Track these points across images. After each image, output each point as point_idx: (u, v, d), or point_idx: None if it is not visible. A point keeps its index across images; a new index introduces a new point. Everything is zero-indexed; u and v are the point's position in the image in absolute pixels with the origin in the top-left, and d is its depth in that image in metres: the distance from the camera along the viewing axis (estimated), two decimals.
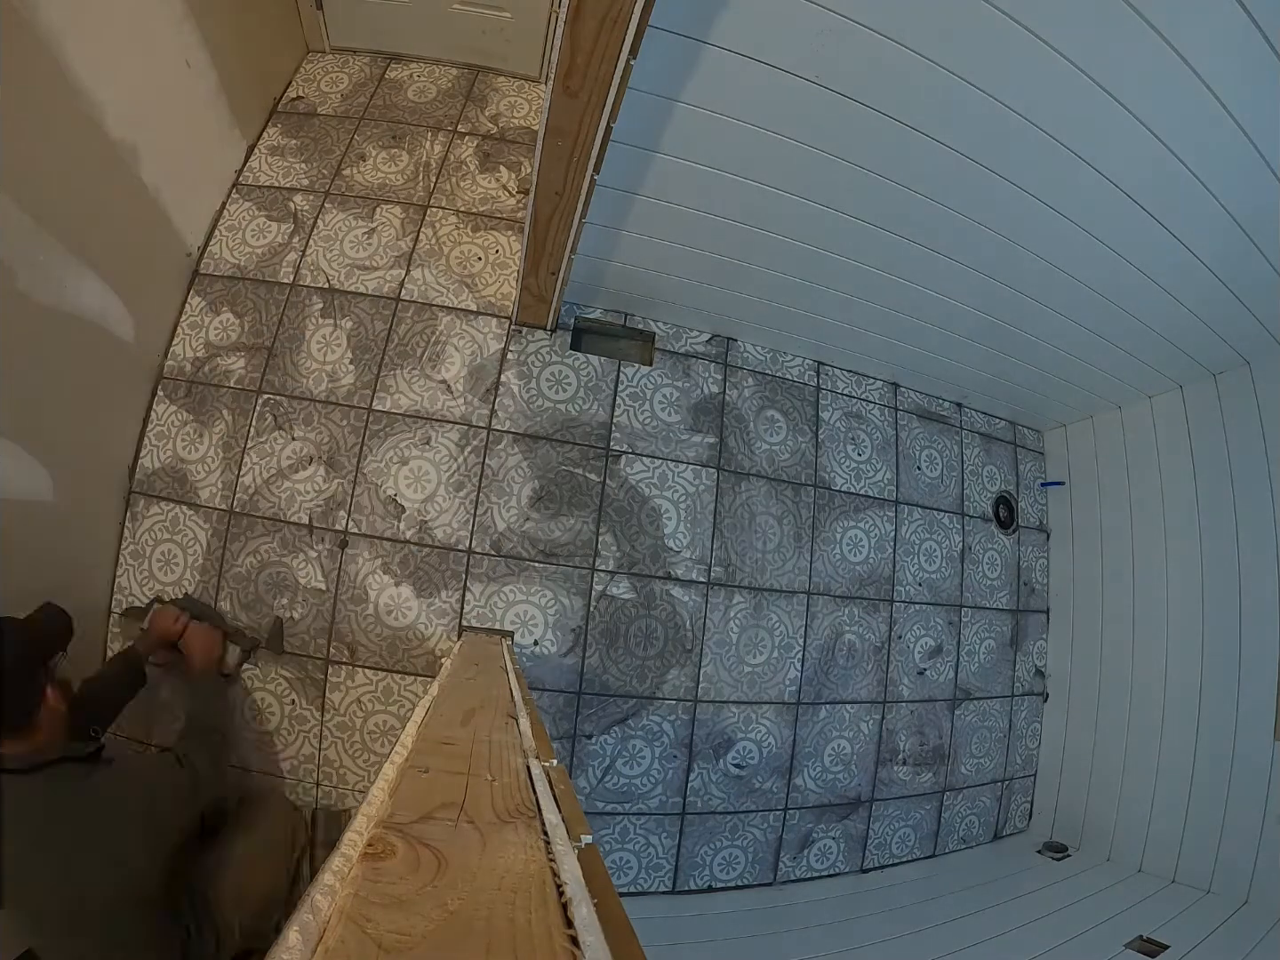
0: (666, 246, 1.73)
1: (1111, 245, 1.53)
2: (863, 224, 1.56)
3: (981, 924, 1.72)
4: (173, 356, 1.89)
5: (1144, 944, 1.62)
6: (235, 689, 1.74)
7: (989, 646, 2.44)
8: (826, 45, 1.11)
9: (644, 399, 2.07)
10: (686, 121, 1.29)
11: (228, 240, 2.01)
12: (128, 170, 1.63)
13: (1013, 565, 2.54)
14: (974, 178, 1.36)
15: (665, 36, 1.08)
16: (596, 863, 0.41)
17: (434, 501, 1.88)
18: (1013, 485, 2.61)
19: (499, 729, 0.67)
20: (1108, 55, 1.09)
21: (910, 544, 2.34)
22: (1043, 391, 2.38)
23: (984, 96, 1.18)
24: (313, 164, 2.12)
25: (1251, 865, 1.81)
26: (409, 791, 0.45)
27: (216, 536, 1.81)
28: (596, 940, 0.29)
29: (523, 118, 2.30)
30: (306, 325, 1.94)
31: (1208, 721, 1.99)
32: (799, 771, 2.08)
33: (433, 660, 1.81)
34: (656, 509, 2.02)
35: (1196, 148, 1.25)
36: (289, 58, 2.28)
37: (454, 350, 1.97)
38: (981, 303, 1.84)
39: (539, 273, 1.66)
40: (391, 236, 2.04)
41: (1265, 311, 1.74)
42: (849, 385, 2.34)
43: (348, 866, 0.33)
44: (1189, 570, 2.12)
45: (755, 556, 2.10)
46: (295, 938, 0.26)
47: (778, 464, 2.18)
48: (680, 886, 1.94)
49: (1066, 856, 2.22)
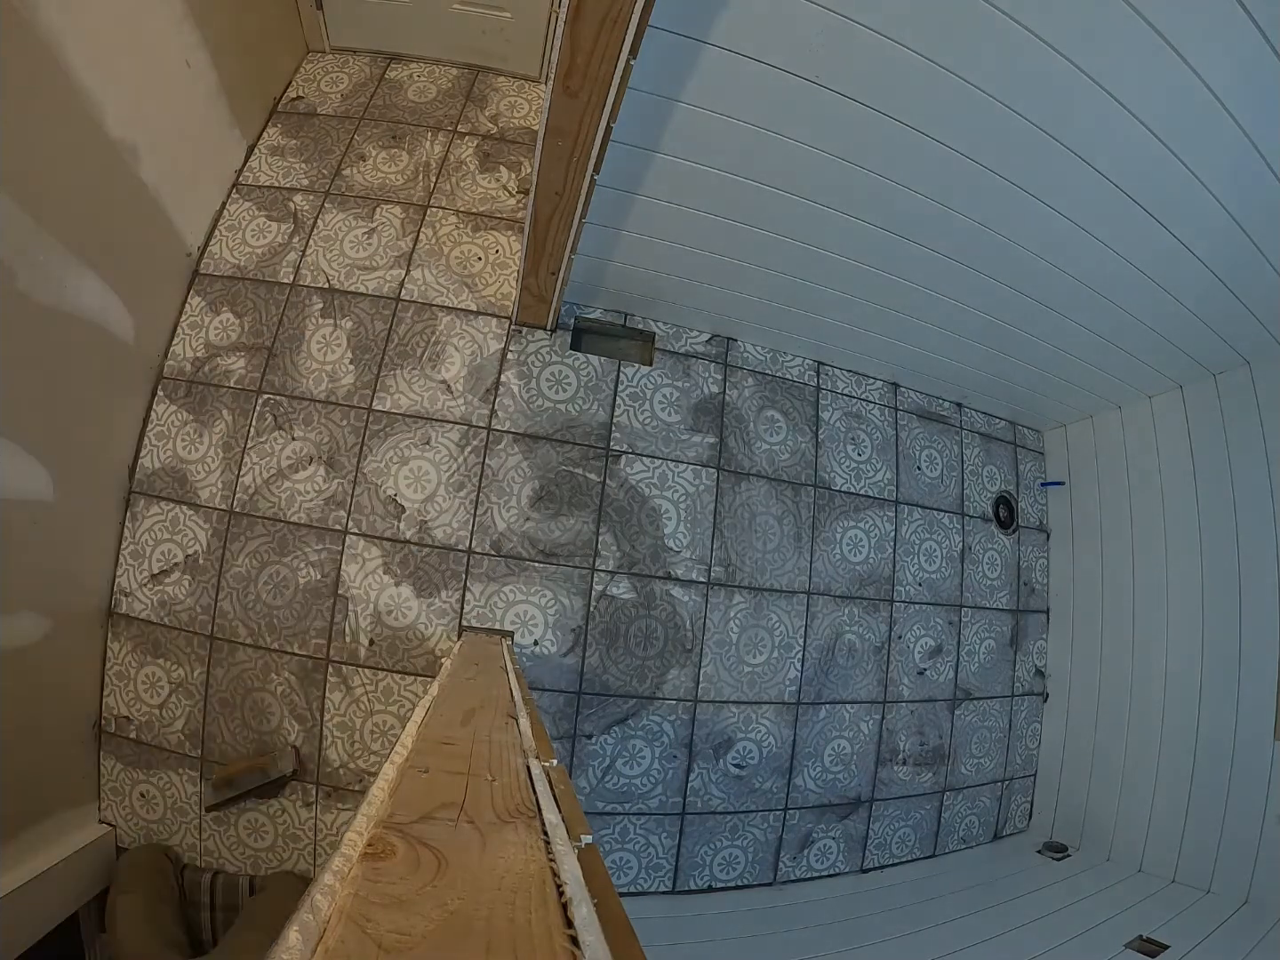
0: (666, 246, 1.73)
1: (1111, 245, 1.53)
2: (863, 224, 1.56)
3: (981, 924, 1.72)
4: (173, 356, 1.89)
5: (1144, 944, 1.62)
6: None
7: (989, 646, 2.44)
8: (826, 45, 1.11)
9: (644, 399, 2.07)
10: (686, 121, 1.29)
11: (228, 240, 2.01)
12: (128, 170, 1.63)
13: (1013, 565, 2.54)
14: (974, 177, 1.36)
15: (665, 36, 1.08)
16: (596, 863, 0.41)
17: (434, 501, 1.88)
18: (1013, 485, 2.61)
19: (499, 729, 0.67)
20: (1108, 55, 1.09)
21: (910, 544, 2.34)
22: (1043, 391, 2.38)
23: (984, 96, 1.18)
24: (313, 164, 2.12)
25: (1251, 865, 1.81)
26: (409, 791, 0.45)
27: (216, 536, 1.81)
28: (596, 940, 0.29)
29: (523, 118, 2.30)
30: (306, 325, 1.94)
31: (1208, 721, 1.99)
32: (799, 771, 2.08)
33: (433, 660, 1.81)
34: (656, 509, 2.02)
35: (1196, 147, 1.25)
36: (289, 58, 2.28)
37: (454, 350, 1.97)
38: (981, 302, 1.84)
39: (539, 273, 1.66)
40: (391, 236, 2.04)
41: (1265, 311, 1.74)
42: (849, 385, 2.34)
43: (348, 866, 0.33)
44: (1189, 570, 2.12)
45: (755, 556, 2.10)
46: (295, 938, 0.26)
47: (778, 464, 2.18)
48: (680, 886, 1.94)
49: (1066, 856, 2.22)
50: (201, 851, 1.74)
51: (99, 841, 1.67)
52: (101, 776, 1.74)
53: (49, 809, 1.58)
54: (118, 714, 1.75)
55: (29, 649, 1.50)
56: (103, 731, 1.76)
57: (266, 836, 1.75)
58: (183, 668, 1.77)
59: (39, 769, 1.56)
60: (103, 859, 1.68)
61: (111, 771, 1.75)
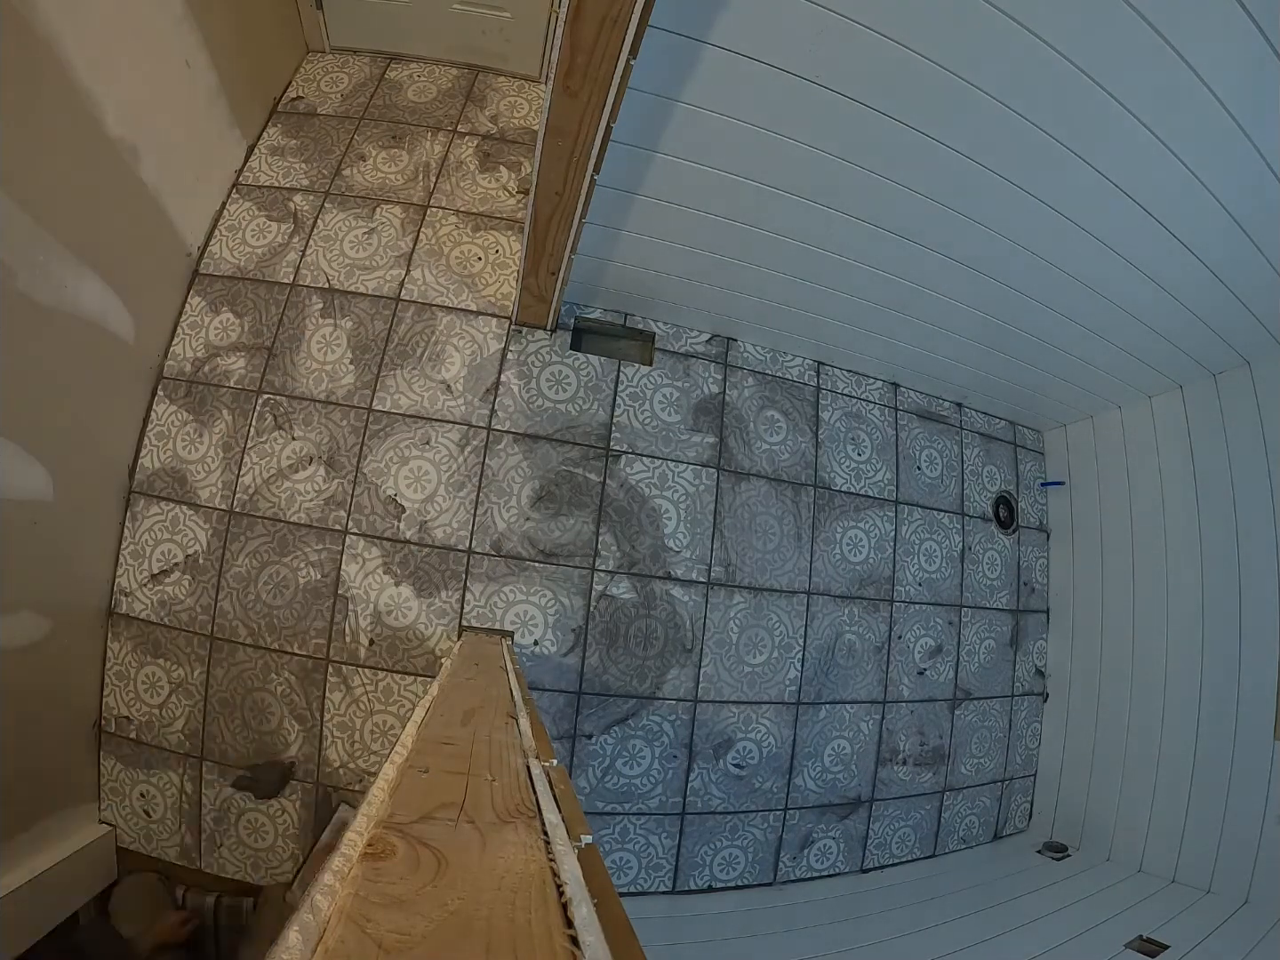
0: (667, 246, 1.73)
1: (1111, 245, 1.53)
2: (863, 224, 1.56)
3: (981, 924, 1.72)
4: (173, 356, 1.89)
5: (1144, 944, 1.62)
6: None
7: (989, 646, 2.44)
8: (826, 45, 1.11)
9: (644, 399, 2.07)
10: (686, 121, 1.29)
11: (228, 240, 2.01)
12: (128, 170, 1.63)
13: (1013, 565, 2.54)
14: (974, 177, 1.36)
15: (665, 36, 1.08)
16: (596, 863, 0.41)
17: (434, 501, 1.88)
18: (1013, 485, 2.61)
19: (499, 729, 0.67)
20: (1108, 56, 1.09)
21: (910, 544, 2.34)
22: (1043, 391, 2.38)
23: (984, 96, 1.18)
24: (313, 164, 2.12)
25: (1251, 865, 1.81)
26: (409, 791, 0.45)
27: (216, 536, 1.81)
28: (596, 940, 0.29)
29: (523, 118, 2.30)
30: (306, 325, 1.94)
31: (1208, 721, 1.99)
32: (799, 771, 2.08)
33: (433, 660, 1.81)
34: (656, 509, 2.02)
35: (1196, 146, 1.25)
36: (289, 58, 2.28)
37: (454, 350, 1.97)
38: (981, 302, 1.84)
39: (539, 273, 1.65)
40: (391, 236, 2.04)
41: (1265, 311, 1.74)
42: (849, 385, 2.34)
43: (348, 866, 0.33)
44: (1189, 570, 2.12)
45: (755, 556, 2.10)
46: (295, 938, 0.26)
47: (778, 464, 2.18)
48: (680, 886, 1.94)
49: (1066, 856, 2.22)
50: (201, 852, 1.74)
51: (99, 841, 1.67)
52: (101, 776, 1.75)
53: (49, 809, 1.58)
54: (118, 714, 1.76)
55: (29, 649, 1.50)
56: (103, 731, 1.76)
57: (267, 836, 1.75)
58: (183, 668, 1.77)
59: (39, 769, 1.56)
60: (103, 859, 1.68)
61: (111, 771, 1.75)
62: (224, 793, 1.74)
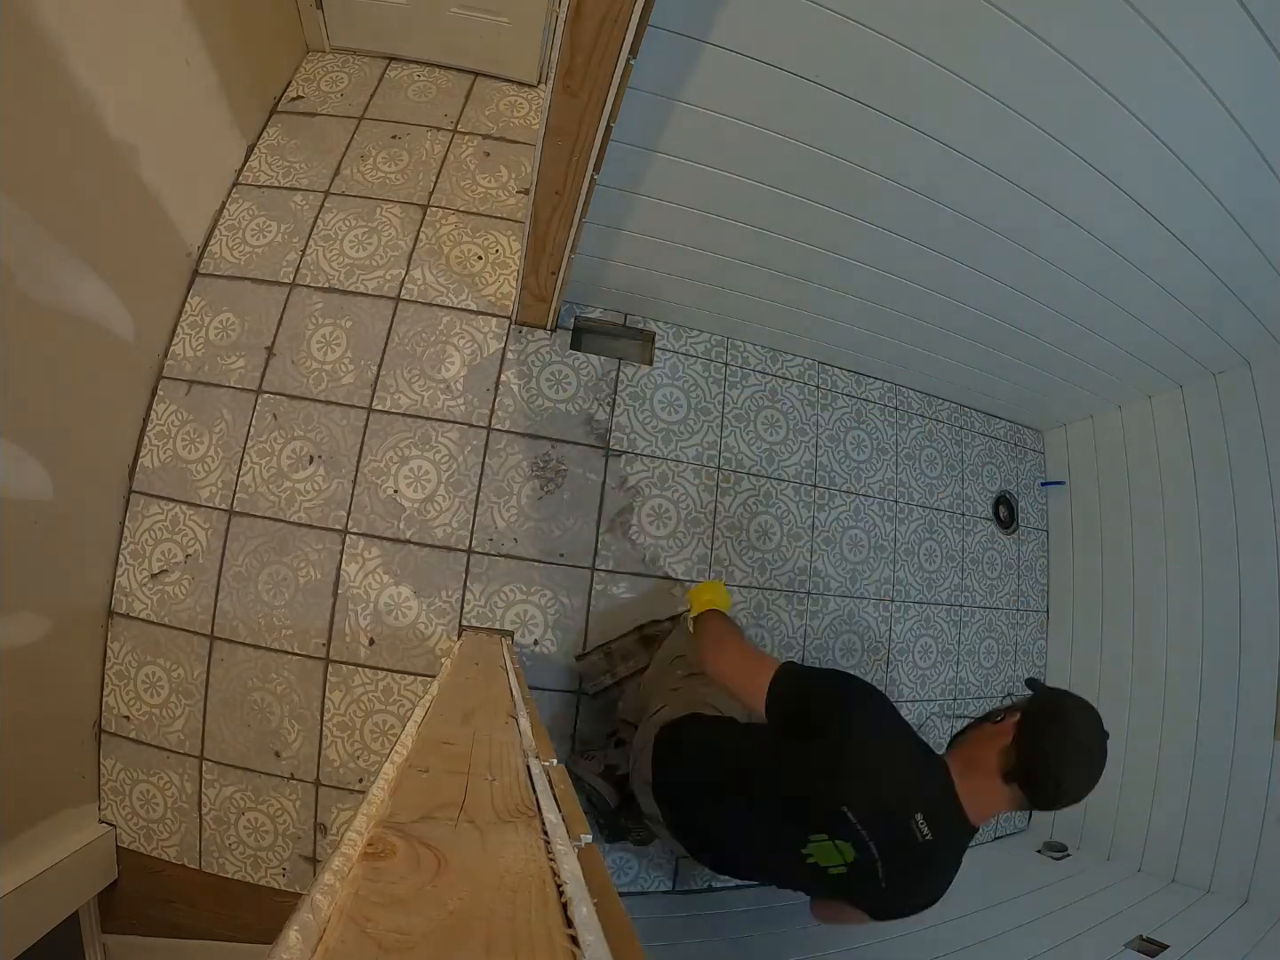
0: (667, 246, 1.73)
1: (1111, 244, 1.53)
2: (863, 223, 1.56)
3: (981, 924, 1.71)
4: (173, 356, 1.89)
5: (1144, 944, 1.62)
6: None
7: (989, 646, 2.44)
8: (825, 44, 1.11)
9: (644, 399, 2.07)
10: (686, 121, 1.28)
11: (228, 240, 2.00)
12: (128, 170, 1.63)
13: (1013, 565, 2.54)
14: (974, 177, 1.36)
15: (665, 36, 1.08)
16: (596, 862, 0.41)
17: (434, 501, 1.88)
18: (1013, 485, 2.61)
19: (499, 729, 0.67)
20: (1107, 54, 1.09)
21: (910, 544, 2.34)
22: (1043, 391, 2.38)
23: (984, 95, 1.18)
24: (313, 164, 2.12)
25: (1251, 865, 1.81)
26: (409, 791, 0.45)
27: (216, 536, 1.81)
28: (596, 940, 0.29)
29: (523, 118, 2.30)
30: (306, 325, 1.94)
31: (1208, 721, 1.99)
32: None
33: (433, 660, 1.81)
34: (657, 509, 2.02)
35: (1196, 145, 1.25)
36: (289, 58, 2.28)
37: (454, 350, 1.97)
38: (981, 302, 1.84)
39: (539, 272, 1.65)
40: (391, 236, 2.04)
41: (1265, 311, 1.74)
42: (849, 385, 2.35)
43: (348, 866, 0.33)
44: (1189, 570, 2.12)
45: (755, 556, 2.10)
46: (295, 937, 0.26)
47: (778, 464, 2.18)
48: (680, 886, 1.94)
49: (1066, 856, 2.22)
50: (201, 852, 1.74)
51: (99, 841, 1.67)
52: (101, 776, 1.74)
53: (49, 809, 1.58)
54: (118, 714, 1.75)
55: (29, 649, 1.50)
56: (103, 731, 1.76)
57: (267, 836, 1.75)
58: (183, 667, 1.77)
59: (39, 769, 1.56)
60: (103, 859, 1.68)
61: (111, 771, 1.75)
62: (224, 792, 1.75)
